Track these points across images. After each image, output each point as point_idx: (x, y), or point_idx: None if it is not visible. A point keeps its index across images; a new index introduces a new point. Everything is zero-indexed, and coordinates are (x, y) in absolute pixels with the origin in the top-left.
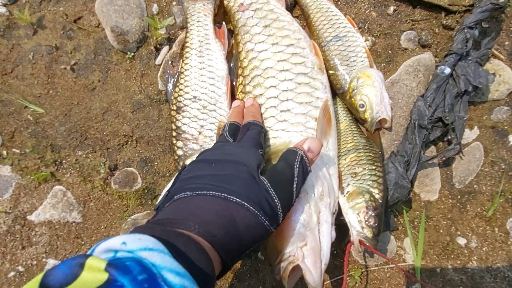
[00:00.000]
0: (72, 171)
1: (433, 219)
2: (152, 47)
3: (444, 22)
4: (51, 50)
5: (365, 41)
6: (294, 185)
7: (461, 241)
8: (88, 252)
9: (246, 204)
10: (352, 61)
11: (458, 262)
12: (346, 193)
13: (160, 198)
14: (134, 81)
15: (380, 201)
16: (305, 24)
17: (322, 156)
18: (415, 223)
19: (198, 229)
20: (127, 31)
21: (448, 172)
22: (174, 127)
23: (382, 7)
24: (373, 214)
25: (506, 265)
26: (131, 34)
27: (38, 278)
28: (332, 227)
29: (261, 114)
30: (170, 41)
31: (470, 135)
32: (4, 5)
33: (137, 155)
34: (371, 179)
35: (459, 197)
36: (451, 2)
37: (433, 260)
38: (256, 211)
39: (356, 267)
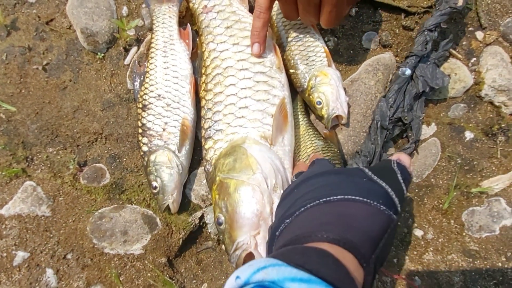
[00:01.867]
0: (43, 167)
1: None
2: (121, 48)
3: (404, 23)
4: (24, 51)
5: (327, 41)
6: (399, 177)
7: (418, 232)
8: None
9: (348, 196)
10: (312, 61)
11: (415, 252)
12: None
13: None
14: (104, 80)
15: None
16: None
17: (277, 151)
18: None
19: (326, 238)
20: (97, 33)
21: None
22: (140, 124)
23: None
24: None
25: (460, 255)
26: (100, 36)
27: None
28: None
29: None
30: (139, 41)
31: (427, 131)
32: None
33: (106, 151)
34: None
35: (416, 190)
36: (410, 4)
37: (391, 251)
38: (364, 199)
39: None
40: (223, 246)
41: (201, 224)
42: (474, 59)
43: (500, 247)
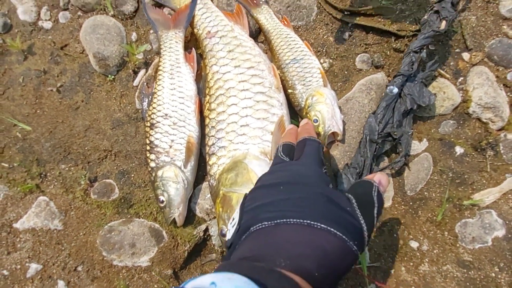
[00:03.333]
0: (56, 183)
1: (387, 224)
2: (130, 71)
3: (394, 45)
4: (39, 74)
5: (323, 63)
6: (375, 211)
7: (414, 244)
8: None
9: (332, 229)
10: (308, 81)
11: (411, 264)
12: None
13: (229, 233)
14: (114, 101)
15: None
16: (268, 48)
17: None
18: None
19: (289, 265)
20: (108, 57)
21: (400, 180)
22: (147, 141)
23: (339, 33)
24: None
25: (455, 266)
26: (111, 59)
27: None
28: None
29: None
30: (147, 64)
31: (419, 146)
32: None
33: (115, 168)
34: None
35: (411, 203)
36: (399, 28)
37: (388, 262)
38: (343, 236)
39: None
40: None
41: (205, 236)
42: (462, 78)
43: (493, 258)
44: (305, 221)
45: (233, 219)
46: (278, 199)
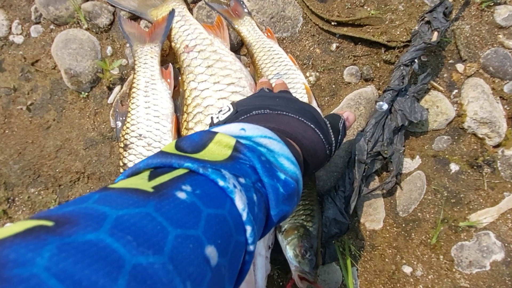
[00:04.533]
0: (24, 208)
1: (379, 248)
2: (105, 87)
3: (384, 57)
4: (9, 91)
5: (309, 76)
6: (339, 138)
7: (407, 269)
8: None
9: (318, 131)
10: None
11: None
12: (283, 231)
13: (221, 117)
14: (87, 119)
15: (314, 233)
16: (251, 61)
17: None
18: (361, 252)
19: (291, 135)
20: (80, 73)
21: (392, 201)
22: (121, 163)
23: (326, 44)
24: (308, 247)
25: None
26: (84, 76)
27: (174, 142)
28: (267, 260)
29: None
30: (122, 80)
31: (412, 164)
32: None
33: (88, 191)
34: (305, 213)
35: (403, 225)
36: (389, 38)
37: None
38: (323, 140)
39: None
40: None
41: None
42: (456, 91)
43: (491, 284)
44: (300, 118)
45: (228, 107)
46: (275, 103)
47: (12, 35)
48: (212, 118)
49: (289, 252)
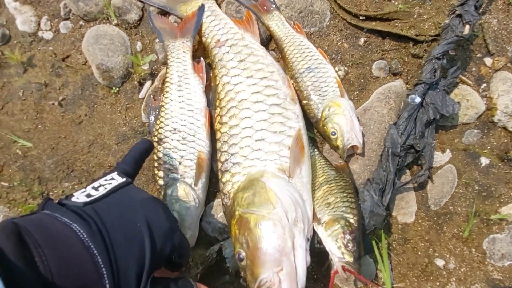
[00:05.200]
0: None
1: (411, 241)
2: (136, 82)
3: (413, 51)
4: (40, 87)
5: (338, 71)
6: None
7: (439, 262)
8: None
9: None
10: (324, 91)
11: (437, 283)
12: (323, 223)
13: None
14: (119, 114)
15: (356, 225)
16: (280, 56)
17: (295, 183)
18: (394, 245)
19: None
20: (112, 68)
21: (423, 194)
22: (155, 157)
23: (354, 38)
24: (351, 238)
25: (484, 285)
26: (115, 71)
27: None
28: (307, 252)
29: None
30: (153, 75)
31: (442, 158)
32: None
33: None
34: (344, 205)
35: (435, 218)
36: (417, 32)
37: (413, 282)
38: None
39: None
40: (241, 281)
41: (218, 257)
42: (485, 85)
43: None
44: None
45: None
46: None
47: (41, 31)
48: (239, 253)
49: (331, 244)
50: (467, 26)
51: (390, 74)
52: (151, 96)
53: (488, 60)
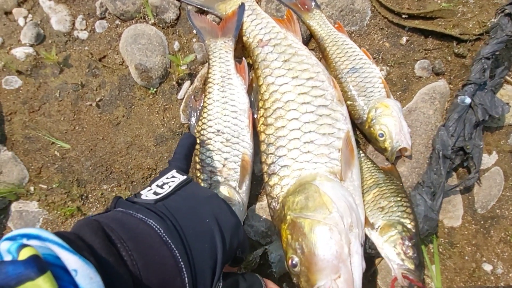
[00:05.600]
0: (98, 205)
1: (458, 245)
2: (174, 82)
3: (456, 50)
4: (77, 87)
5: (380, 71)
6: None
7: (487, 267)
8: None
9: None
10: (369, 92)
11: None
12: (378, 228)
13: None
14: (156, 115)
15: (414, 230)
16: (321, 56)
17: (348, 186)
18: (440, 249)
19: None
20: (151, 68)
21: (469, 197)
22: (198, 160)
23: (395, 37)
24: (410, 244)
25: None
26: (154, 71)
27: None
28: (362, 258)
29: None
30: (191, 76)
31: (489, 160)
32: (31, 45)
33: None
34: (399, 210)
35: (482, 222)
36: (461, 31)
37: (460, 287)
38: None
39: None
40: (284, 285)
41: (261, 262)
42: None
43: None
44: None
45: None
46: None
47: (76, 31)
48: (291, 259)
49: (389, 250)
50: None
51: (433, 74)
52: (192, 96)
53: None
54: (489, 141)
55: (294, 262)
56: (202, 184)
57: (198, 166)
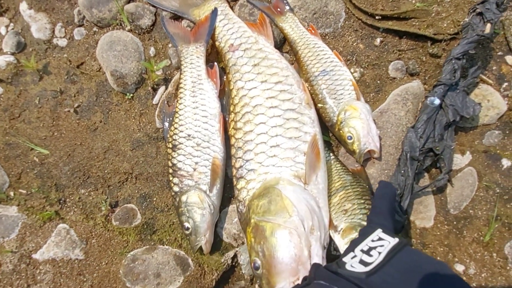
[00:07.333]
0: (75, 209)
1: (430, 246)
2: (149, 88)
3: (431, 50)
4: (55, 94)
5: (353, 72)
6: None
7: (459, 267)
8: None
9: None
10: (340, 94)
11: None
12: (340, 230)
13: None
14: (133, 120)
15: None
16: (294, 59)
17: (311, 190)
18: None
19: None
20: (126, 74)
21: (442, 198)
22: (170, 164)
23: (369, 39)
24: None
25: None
26: (129, 77)
27: None
28: (324, 261)
29: None
30: (166, 81)
31: (462, 160)
32: (13, 53)
33: (136, 191)
34: (362, 212)
35: (455, 223)
36: (436, 31)
37: None
38: None
39: None
40: (256, 286)
41: (233, 263)
42: (506, 84)
43: None
44: None
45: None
46: None
47: (56, 38)
48: (254, 262)
49: None
50: (488, 25)
51: (407, 75)
52: (165, 101)
53: (509, 58)
54: (463, 142)
55: (256, 264)
56: (174, 188)
57: (170, 170)
